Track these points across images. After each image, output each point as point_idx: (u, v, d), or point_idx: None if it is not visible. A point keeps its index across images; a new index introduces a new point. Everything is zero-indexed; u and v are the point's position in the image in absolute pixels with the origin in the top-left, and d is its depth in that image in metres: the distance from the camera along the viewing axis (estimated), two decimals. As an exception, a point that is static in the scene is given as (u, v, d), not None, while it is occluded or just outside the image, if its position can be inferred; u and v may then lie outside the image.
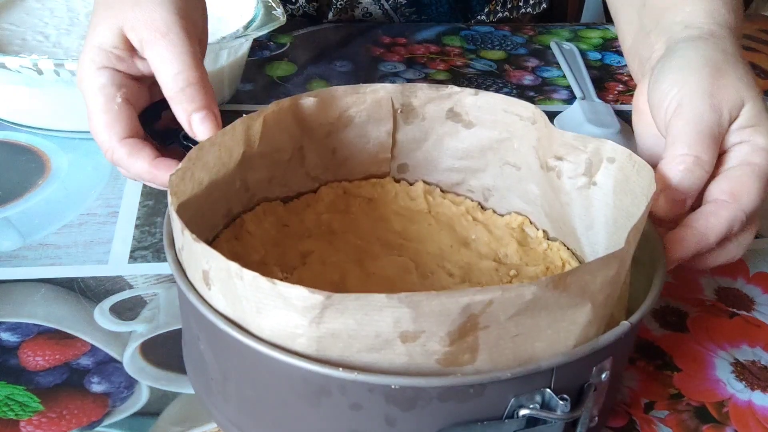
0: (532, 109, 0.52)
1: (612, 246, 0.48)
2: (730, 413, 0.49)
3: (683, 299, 0.57)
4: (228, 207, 0.52)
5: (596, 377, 0.40)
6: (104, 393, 0.47)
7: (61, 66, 0.61)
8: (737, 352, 0.53)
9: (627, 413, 0.48)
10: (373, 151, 0.57)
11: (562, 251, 0.54)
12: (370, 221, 0.56)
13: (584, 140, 0.49)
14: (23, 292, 0.54)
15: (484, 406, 0.38)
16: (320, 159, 0.56)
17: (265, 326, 0.37)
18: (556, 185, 0.51)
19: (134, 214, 0.62)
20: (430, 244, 0.55)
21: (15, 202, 0.62)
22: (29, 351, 0.50)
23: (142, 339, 0.51)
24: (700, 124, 0.48)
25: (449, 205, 0.58)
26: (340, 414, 0.38)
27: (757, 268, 0.61)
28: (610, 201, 0.48)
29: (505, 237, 0.55)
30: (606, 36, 0.96)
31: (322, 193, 0.57)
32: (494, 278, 0.52)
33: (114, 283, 0.55)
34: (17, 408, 0.46)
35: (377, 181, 0.59)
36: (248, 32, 0.70)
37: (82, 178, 0.65)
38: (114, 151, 0.49)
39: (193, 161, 0.45)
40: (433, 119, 0.56)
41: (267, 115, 0.50)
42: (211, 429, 0.46)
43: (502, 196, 0.57)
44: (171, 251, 0.43)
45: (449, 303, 0.34)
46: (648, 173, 0.45)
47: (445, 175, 0.58)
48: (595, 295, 0.38)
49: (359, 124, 0.55)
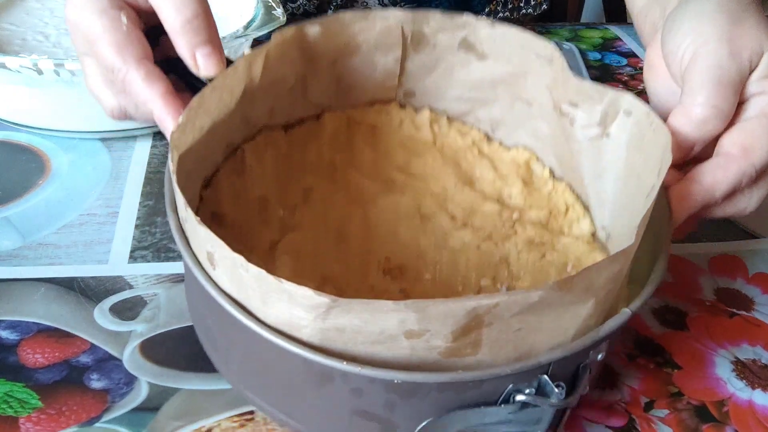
0: (551, 48, 0.50)
1: (619, 199, 0.48)
2: (730, 412, 0.49)
3: (683, 299, 0.57)
4: (228, 140, 0.50)
5: (592, 358, 0.40)
6: (103, 389, 0.47)
7: (61, 66, 0.61)
8: (737, 351, 0.53)
9: (626, 412, 0.48)
10: (380, 79, 0.55)
11: (567, 194, 0.53)
12: (373, 154, 0.54)
13: (602, 90, 0.47)
14: (23, 291, 0.54)
15: (481, 394, 0.38)
16: (324, 86, 0.54)
17: (270, 314, 0.37)
18: (568, 132, 0.50)
19: (134, 214, 0.62)
20: (434, 182, 0.53)
21: (15, 202, 0.62)
22: (29, 348, 0.50)
23: (141, 338, 0.51)
24: (719, 71, 0.46)
25: (455, 137, 0.56)
26: (341, 397, 0.38)
27: (757, 269, 0.61)
28: (622, 154, 0.47)
29: (510, 175, 0.54)
30: (606, 36, 0.96)
31: (326, 121, 0.55)
32: (496, 223, 0.51)
33: (114, 282, 0.55)
34: (16, 405, 0.46)
35: (382, 107, 0.57)
36: (248, 32, 0.70)
37: (82, 178, 0.65)
38: (128, 72, 0.45)
39: (194, 110, 0.43)
40: (445, 48, 0.54)
41: (270, 49, 0.48)
42: (211, 424, 0.46)
43: (510, 130, 0.55)
44: (174, 216, 0.42)
45: (455, 307, 0.34)
46: (665, 137, 0.43)
47: (452, 103, 0.56)
48: (599, 290, 0.38)
49: (367, 51, 0.53)
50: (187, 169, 0.41)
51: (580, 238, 0.52)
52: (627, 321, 0.40)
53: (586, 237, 0.52)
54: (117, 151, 0.68)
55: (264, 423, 0.46)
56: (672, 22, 0.50)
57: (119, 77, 0.46)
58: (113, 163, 0.67)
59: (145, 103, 0.45)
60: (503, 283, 0.48)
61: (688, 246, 0.62)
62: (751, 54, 0.47)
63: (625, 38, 0.96)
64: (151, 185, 0.64)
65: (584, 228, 0.52)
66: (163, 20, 0.46)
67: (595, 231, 0.52)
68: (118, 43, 0.45)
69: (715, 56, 0.46)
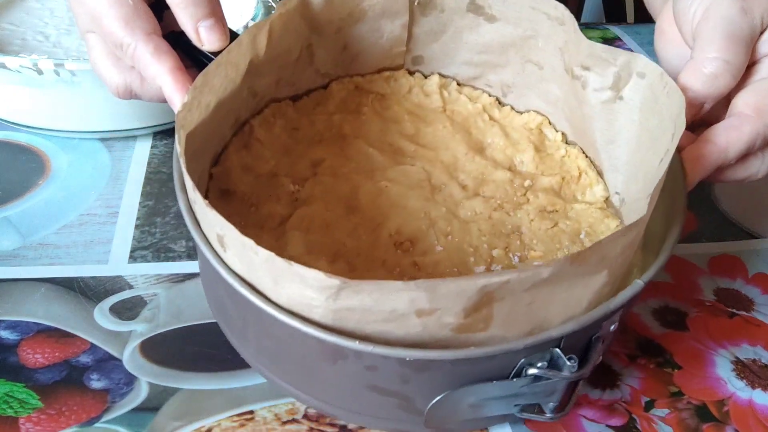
0: (562, 9, 0.50)
1: (632, 164, 0.47)
2: (730, 412, 0.49)
3: (683, 300, 0.57)
4: (236, 116, 0.50)
5: (605, 329, 0.40)
6: (103, 389, 0.47)
7: (61, 66, 0.61)
8: (738, 351, 0.53)
9: (627, 411, 0.48)
10: (387, 46, 0.54)
11: (579, 159, 0.52)
12: (382, 123, 0.54)
13: (614, 53, 0.47)
14: (23, 291, 0.54)
15: (494, 367, 0.38)
16: (330, 55, 0.53)
17: (282, 294, 0.37)
18: (580, 95, 0.49)
19: (134, 215, 0.62)
20: (444, 151, 0.53)
21: (15, 202, 0.62)
22: (29, 349, 0.49)
23: (141, 338, 0.51)
24: (730, 26, 0.45)
25: (465, 102, 0.56)
26: (356, 373, 0.39)
27: (757, 269, 0.61)
28: (636, 118, 0.47)
29: (522, 141, 0.54)
30: (606, 36, 0.96)
31: (333, 90, 0.55)
32: (508, 191, 0.51)
33: (114, 283, 0.55)
34: (16, 405, 0.46)
35: (390, 74, 0.56)
36: (248, 32, 0.70)
37: (82, 178, 0.65)
38: (137, 46, 0.44)
39: (199, 89, 0.43)
40: (453, 11, 0.53)
41: (273, 21, 0.48)
42: (211, 424, 0.46)
43: (521, 94, 0.55)
44: (183, 197, 0.42)
45: (466, 285, 0.34)
46: (678, 98, 0.42)
47: (462, 68, 0.56)
48: (613, 261, 0.37)
49: (372, 18, 0.52)
50: (195, 147, 0.40)
51: (594, 204, 0.51)
52: (640, 292, 0.39)
53: (599, 203, 0.51)
54: (117, 151, 0.68)
55: (264, 423, 0.46)
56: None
57: (128, 53, 0.45)
58: (113, 163, 0.67)
59: (153, 79, 0.45)
60: (515, 252, 0.48)
61: (688, 246, 0.62)
62: (763, 12, 0.46)
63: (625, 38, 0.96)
64: (151, 185, 0.64)
65: (598, 194, 0.52)
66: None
67: (609, 196, 0.52)
68: (126, 17, 0.45)
69: (727, 12, 0.46)
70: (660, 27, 0.54)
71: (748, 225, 0.66)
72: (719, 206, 0.67)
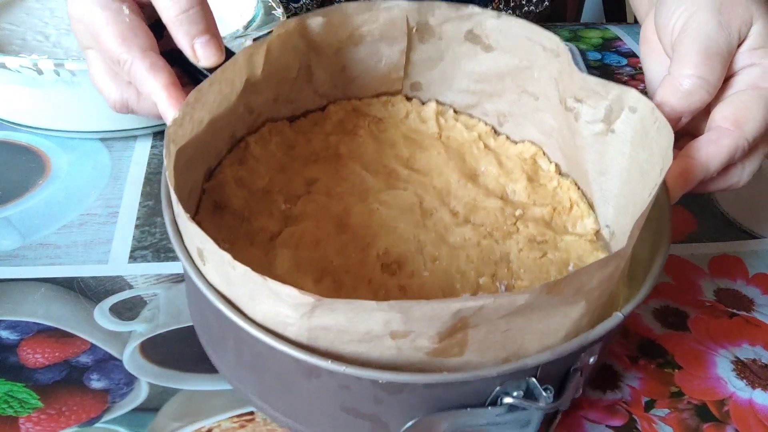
0: (556, 41, 0.50)
1: (622, 196, 0.47)
2: (730, 412, 0.49)
3: (683, 301, 0.57)
4: (232, 131, 0.50)
5: (584, 360, 0.40)
6: (104, 389, 0.47)
7: (61, 66, 0.61)
8: (738, 351, 0.53)
9: (627, 412, 0.48)
10: (385, 71, 0.55)
11: (572, 191, 0.52)
12: (377, 145, 0.54)
13: (607, 86, 0.47)
14: (23, 291, 0.54)
15: (469, 393, 0.38)
16: (329, 76, 0.54)
17: (258, 311, 0.37)
18: (573, 127, 0.50)
19: (134, 215, 0.62)
20: (437, 176, 0.53)
21: (15, 202, 0.62)
22: (29, 348, 0.49)
23: (141, 338, 0.51)
24: (707, 41, 0.46)
25: (461, 130, 0.56)
26: (330, 393, 0.39)
27: (757, 269, 0.61)
28: (626, 151, 0.47)
29: (515, 171, 0.54)
30: (606, 36, 0.96)
31: (331, 111, 0.55)
32: (498, 219, 0.51)
33: (114, 283, 0.55)
34: (16, 405, 0.46)
35: (388, 99, 0.56)
36: (248, 32, 0.70)
37: (82, 178, 0.65)
38: (133, 63, 0.45)
39: (191, 105, 0.43)
40: (451, 39, 0.53)
41: (271, 41, 0.48)
42: (211, 425, 0.46)
43: (517, 123, 0.55)
44: (169, 211, 0.42)
45: (440, 309, 0.34)
46: (667, 134, 0.43)
47: (459, 96, 0.56)
48: (591, 292, 0.37)
49: (371, 42, 0.53)
50: (186, 159, 0.41)
51: (584, 236, 0.52)
52: (619, 325, 0.39)
53: (589, 235, 0.52)
54: (117, 151, 0.68)
55: (264, 424, 0.46)
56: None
57: (125, 68, 0.46)
58: (113, 163, 0.67)
59: (149, 94, 0.45)
60: (502, 281, 0.48)
61: (688, 247, 0.62)
62: (741, 25, 0.47)
63: (625, 38, 0.96)
64: (151, 185, 0.64)
65: (588, 226, 0.52)
66: (160, 11, 0.46)
67: (599, 229, 0.52)
68: (123, 34, 0.45)
69: (705, 27, 0.46)
70: (644, 35, 0.54)
71: (748, 225, 0.65)
72: (719, 207, 0.67)
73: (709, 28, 0.46)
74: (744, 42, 0.47)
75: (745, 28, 0.47)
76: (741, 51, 0.47)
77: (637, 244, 0.42)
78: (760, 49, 0.47)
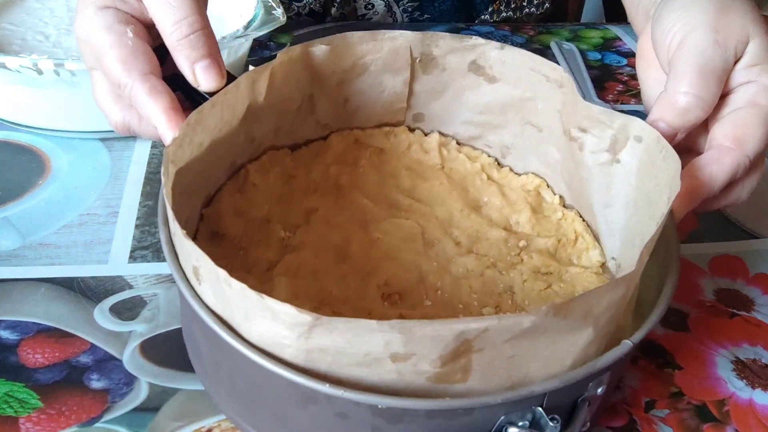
0: (560, 72, 0.50)
1: (629, 228, 0.47)
2: (730, 412, 0.49)
3: (683, 300, 0.57)
4: (232, 160, 0.50)
5: (591, 391, 0.39)
6: (103, 389, 0.47)
7: (61, 66, 0.61)
8: (738, 351, 0.53)
9: (627, 412, 0.48)
10: (388, 101, 0.54)
11: (576, 222, 0.52)
12: (379, 176, 0.54)
13: (611, 115, 0.47)
14: (23, 291, 0.54)
15: (472, 423, 0.37)
16: (331, 107, 0.53)
17: (253, 331, 0.36)
18: (577, 157, 0.49)
19: (134, 214, 0.62)
20: (440, 207, 0.53)
21: (15, 202, 0.62)
22: (29, 348, 0.49)
23: (141, 339, 0.51)
24: (703, 59, 0.46)
25: (464, 161, 0.55)
26: (327, 420, 0.37)
27: (757, 269, 0.61)
28: (633, 181, 0.47)
29: (519, 202, 0.53)
30: (606, 36, 0.96)
31: (332, 142, 0.55)
32: (502, 250, 0.50)
33: (114, 282, 0.55)
34: (16, 405, 0.46)
35: (390, 130, 0.56)
36: (248, 32, 0.70)
37: (82, 178, 0.65)
38: (133, 86, 0.45)
39: (192, 126, 0.43)
40: (454, 71, 0.53)
41: (275, 67, 0.48)
42: (211, 425, 0.46)
43: (520, 156, 0.55)
44: (165, 229, 0.42)
45: (442, 330, 0.33)
46: (674, 162, 0.43)
47: (462, 127, 0.56)
48: (599, 318, 0.36)
49: (374, 72, 0.53)
50: (186, 184, 0.40)
51: (589, 268, 0.51)
52: (627, 354, 0.38)
53: (595, 268, 0.51)
54: (117, 151, 0.68)
55: (264, 423, 0.46)
56: (662, 10, 0.50)
57: (126, 92, 0.46)
58: (113, 163, 0.67)
59: (149, 118, 0.46)
60: (506, 312, 0.47)
61: (689, 246, 0.62)
62: (737, 42, 0.47)
63: (625, 38, 0.96)
64: (151, 185, 0.64)
65: (594, 258, 0.51)
66: (163, 35, 0.46)
67: (605, 262, 0.51)
68: (124, 57, 0.46)
69: (701, 44, 0.47)
70: (641, 49, 0.54)
71: (749, 225, 0.65)
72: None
73: (705, 46, 0.47)
74: (740, 59, 0.47)
75: (742, 46, 0.47)
76: (737, 68, 0.47)
77: (643, 280, 0.42)
78: (757, 66, 0.47)
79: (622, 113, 0.47)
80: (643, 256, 0.38)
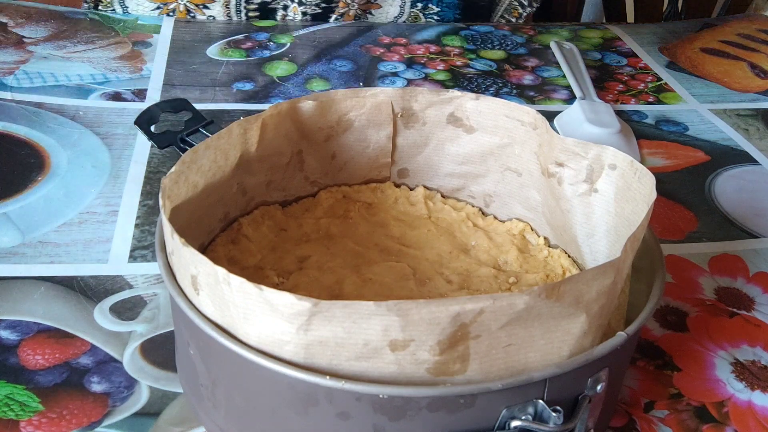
0: (533, 114, 0.52)
1: (613, 254, 0.48)
2: (730, 413, 0.49)
3: (683, 299, 0.57)
4: (225, 211, 0.51)
5: (591, 389, 0.40)
6: (104, 393, 0.47)
7: None
8: (737, 352, 0.53)
9: (627, 413, 0.48)
10: (373, 156, 0.57)
11: (563, 259, 0.53)
12: (368, 226, 0.56)
13: (585, 146, 0.49)
14: (22, 289, 0.54)
15: (474, 416, 0.37)
16: (319, 163, 0.56)
17: (252, 333, 0.37)
18: (557, 192, 0.51)
19: (134, 214, 0.62)
20: (429, 250, 0.54)
21: (14, 198, 0.62)
22: (29, 349, 0.49)
23: (142, 339, 0.51)
24: None
25: (449, 211, 0.57)
26: (327, 423, 0.38)
27: (758, 268, 0.61)
28: (612, 209, 0.48)
29: (505, 244, 0.55)
30: (606, 36, 0.96)
31: (322, 198, 0.57)
32: (493, 285, 0.52)
33: (114, 282, 0.55)
34: (17, 408, 0.46)
35: (377, 186, 0.58)
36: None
37: (81, 176, 0.65)
38: None
39: (187, 164, 0.45)
40: (434, 124, 0.56)
41: (265, 119, 0.50)
42: (212, 428, 0.46)
43: (503, 203, 0.57)
44: (162, 254, 0.43)
45: (439, 311, 0.34)
46: (649, 180, 0.44)
47: (446, 180, 0.58)
48: (590, 305, 0.37)
49: (359, 128, 0.55)
50: (180, 227, 0.41)
51: None
52: (624, 344, 0.39)
53: None
54: (117, 150, 0.68)
55: (265, 424, 0.46)
56: None
57: None
58: (113, 161, 0.67)
59: None
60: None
61: (689, 246, 0.63)
62: None
63: (625, 38, 0.96)
64: (151, 185, 0.64)
65: None
66: None
67: None
68: None
69: None
70: None
71: (749, 225, 0.66)
72: (720, 206, 0.67)
73: None
74: None
75: None
76: None
77: (632, 294, 0.44)
78: None
79: (595, 144, 0.49)
80: (628, 247, 0.39)
